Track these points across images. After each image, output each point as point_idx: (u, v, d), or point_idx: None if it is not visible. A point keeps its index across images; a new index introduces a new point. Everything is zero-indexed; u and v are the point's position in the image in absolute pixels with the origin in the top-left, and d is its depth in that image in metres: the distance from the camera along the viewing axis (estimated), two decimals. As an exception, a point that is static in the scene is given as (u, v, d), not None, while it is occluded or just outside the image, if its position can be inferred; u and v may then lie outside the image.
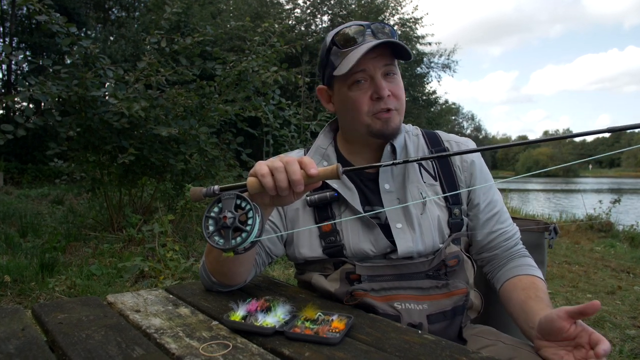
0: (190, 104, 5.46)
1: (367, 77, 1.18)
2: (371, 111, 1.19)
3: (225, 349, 0.84)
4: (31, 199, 9.82)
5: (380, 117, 1.19)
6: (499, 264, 1.29)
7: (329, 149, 1.32)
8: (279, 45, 5.78)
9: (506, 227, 1.29)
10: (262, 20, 7.43)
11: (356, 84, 1.19)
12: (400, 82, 1.22)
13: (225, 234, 0.92)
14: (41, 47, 19.45)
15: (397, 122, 1.21)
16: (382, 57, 1.17)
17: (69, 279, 3.62)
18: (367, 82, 1.18)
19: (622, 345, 2.89)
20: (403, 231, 1.18)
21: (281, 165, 0.93)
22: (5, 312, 1.03)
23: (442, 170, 1.27)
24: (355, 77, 1.18)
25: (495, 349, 1.09)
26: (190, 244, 4.93)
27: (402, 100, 1.22)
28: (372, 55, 1.15)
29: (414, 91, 26.55)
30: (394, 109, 1.20)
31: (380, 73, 1.18)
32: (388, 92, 1.17)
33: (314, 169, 0.93)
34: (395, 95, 1.20)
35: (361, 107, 1.19)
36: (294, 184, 0.92)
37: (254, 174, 0.96)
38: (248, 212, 0.92)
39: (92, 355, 0.81)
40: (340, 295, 1.16)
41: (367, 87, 1.18)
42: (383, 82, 1.17)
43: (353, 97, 1.20)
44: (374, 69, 1.17)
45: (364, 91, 1.18)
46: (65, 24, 4.69)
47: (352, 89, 1.20)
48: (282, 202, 1.00)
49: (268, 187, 0.93)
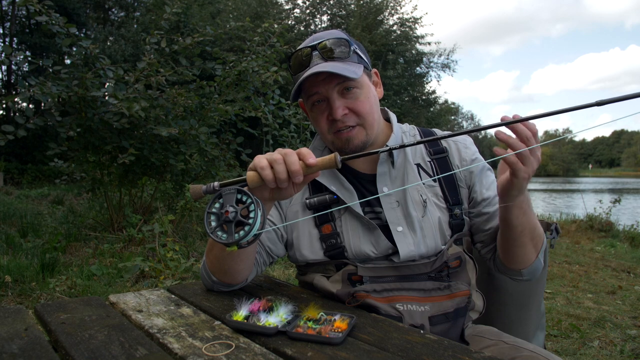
0: (190, 104, 5.46)
1: (322, 97, 1.19)
2: (330, 130, 1.21)
3: (228, 348, 0.84)
4: (31, 199, 9.82)
5: (341, 137, 1.20)
6: None
7: (325, 151, 1.32)
8: (279, 45, 5.78)
9: None
10: (262, 21, 7.43)
11: (315, 105, 1.21)
12: (362, 95, 1.19)
13: (227, 229, 0.92)
14: (41, 47, 19.45)
15: (362, 138, 1.20)
16: (332, 77, 1.16)
17: (69, 279, 3.62)
18: (324, 102, 1.20)
19: (623, 345, 2.89)
20: (404, 234, 1.18)
21: (280, 157, 0.94)
22: (8, 312, 1.03)
23: (442, 171, 1.26)
24: (312, 99, 1.21)
25: (497, 349, 1.09)
26: (190, 244, 4.93)
27: (364, 114, 1.19)
28: (321, 77, 1.16)
29: (413, 91, 26.53)
30: (355, 125, 1.19)
31: (336, 91, 1.17)
32: (343, 111, 1.17)
33: (312, 159, 0.93)
34: (355, 111, 1.18)
35: (322, 127, 1.22)
36: (293, 174, 0.93)
37: (253, 167, 0.96)
38: (249, 205, 0.92)
39: (95, 355, 0.81)
40: (342, 296, 1.16)
41: (324, 108, 1.20)
42: (337, 103, 1.17)
43: (314, 118, 1.24)
44: (327, 91, 1.17)
45: (321, 112, 1.21)
46: (65, 25, 4.69)
47: (313, 110, 1.23)
48: (282, 196, 1.01)
49: (268, 179, 0.93)
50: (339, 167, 0.95)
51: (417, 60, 26.42)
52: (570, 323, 3.25)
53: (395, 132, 1.28)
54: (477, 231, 1.28)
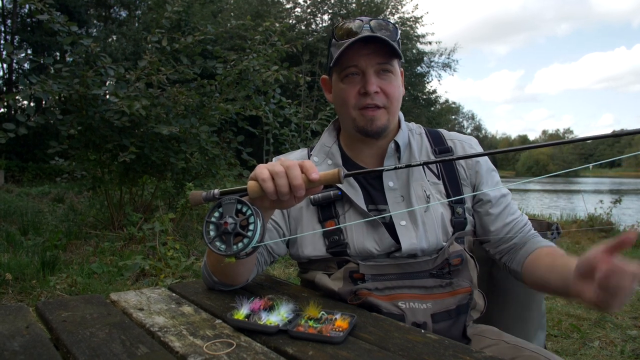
0: (191, 102, 5.46)
1: (359, 71, 1.19)
2: (357, 105, 1.21)
3: (229, 347, 0.84)
4: (32, 197, 9.83)
5: (365, 114, 1.20)
6: (517, 248, 1.27)
7: (333, 147, 1.32)
8: (280, 44, 5.78)
9: (518, 217, 1.29)
10: (263, 19, 7.42)
11: (348, 77, 1.21)
12: (395, 81, 1.21)
13: (226, 240, 0.91)
14: (42, 45, 19.46)
15: (384, 121, 1.21)
16: (376, 55, 1.18)
17: (70, 277, 3.63)
18: (358, 76, 1.20)
19: (624, 346, 2.89)
20: (407, 229, 1.19)
21: (282, 169, 0.92)
22: (9, 309, 1.04)
23: (445, 169, 1.27)
24: (348, 70, 1.20)
25: (497, 349, 1.09)
26: (190, 243, 4.93)
27: (393, 98, 1.21)
28: (366, 52, 1.17)
29: (414, 90, 26.54)
30: (381, 106, 1.20)
31: (373, 70, 1.18)
32: (376, 89, 1.18)
33: (315, 174, 0.92)
34: (386, 93, 1.20)
35: (349, 100, 1.21)
36: (295, 189, 0.91)
37: (254, 177, 0.95)
38: (249, 217, 0.91)
39: (97, 353, 0.81)
40: (344, 294, 1.16)
41: (357, 82, 1.20)
42: (373, 79, 1.18)
43: (343, 89, 1.22)
44: (366, 65, 1.18)
45: (353, 85, 1.20)
46: (66, 23, 4.69)
47: (344, 82, 1.22)
48: (283, 206, 1.00)
49: (269, 192, 0.92)
50: (342, 183, 0.94)
51: (417, 59, 26.44)
52: (571, 323, 3.25)
53: (402, 129, 1.29)
54: (483, 232, 1.28)
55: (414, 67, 26.36)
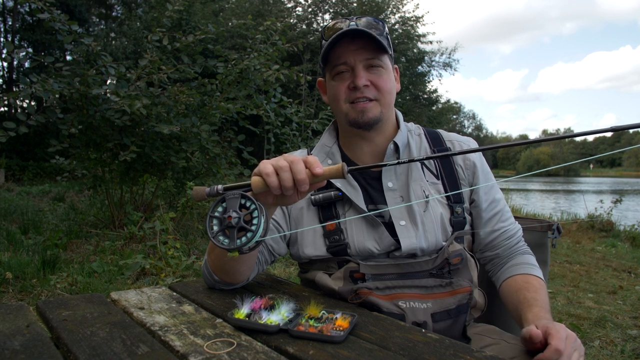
0: (191, 101, 5.46)
1: (349, 68, 1.22)
2: (348, 99, 1.23)
3: (229, 346, 0.84)
4: (32, 196, 9.83)
5: (356, 107, 1.22)
6: (499, 263, 1.30)
7: (333, 147, 1.33)
8: (281, 43, 5.77)
9: (508, 226, 1.30)
10: (264, 19, 7.42)
11: (339, 74, 1.24)
12: (385, 75, 1.24)
13: (230, 234, 0.91)
14: (43, 44, 19.46)
15: (376, 113, 1.23)
16: (364, 50, 1.20)
17: (70, 276, 3.63)
18: (348, 72, 1.23)
19: (624, 345, 2.89)
20: (407, 228, 1.19)
21: (286, 164, 0.92)
22: (9, 308, 1.04)
23: (444, 169, 1.28)
24: (338, 68, 1.24)
25: (498, 348, 1.09)
26: (191, 242, 4.93)
27: (384, 91, 1.23)
28: (354, 47, 1.20)
29: (415, 90, 26.52)
30: (373, 99, 1.22)
31: (362, 65, 1.21)
32: (366, 82, 1.21)
33: (319, 168, 0.92)
34: (377, 86, 1.22)
35: (339, 95, 1.24)
36: (299, 183, 0.92)
37: (258, 173, 0.95)
38: (253, 211, 0.91)
39: (97, 352, 0.81)
40: (344, 294, 1.16)
41: (347, 78, 1.23)
42: (362, 73, 1.21)
43: (334, 86, 1.26)
44: (355, 61, 1.21)
45: (344, 81, 1.23)
46: (67, 22, 4.68)
47: (335, 79, 1.25)
48: (286, 202, 1.00)
49: (273, 186, 0.92)
50: (345, 178, 0.94)
51: (418, 59, 26.41)
52: (571, 323, 3.25)
53: (401, 129, 1.30)
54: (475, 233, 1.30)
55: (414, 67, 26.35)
